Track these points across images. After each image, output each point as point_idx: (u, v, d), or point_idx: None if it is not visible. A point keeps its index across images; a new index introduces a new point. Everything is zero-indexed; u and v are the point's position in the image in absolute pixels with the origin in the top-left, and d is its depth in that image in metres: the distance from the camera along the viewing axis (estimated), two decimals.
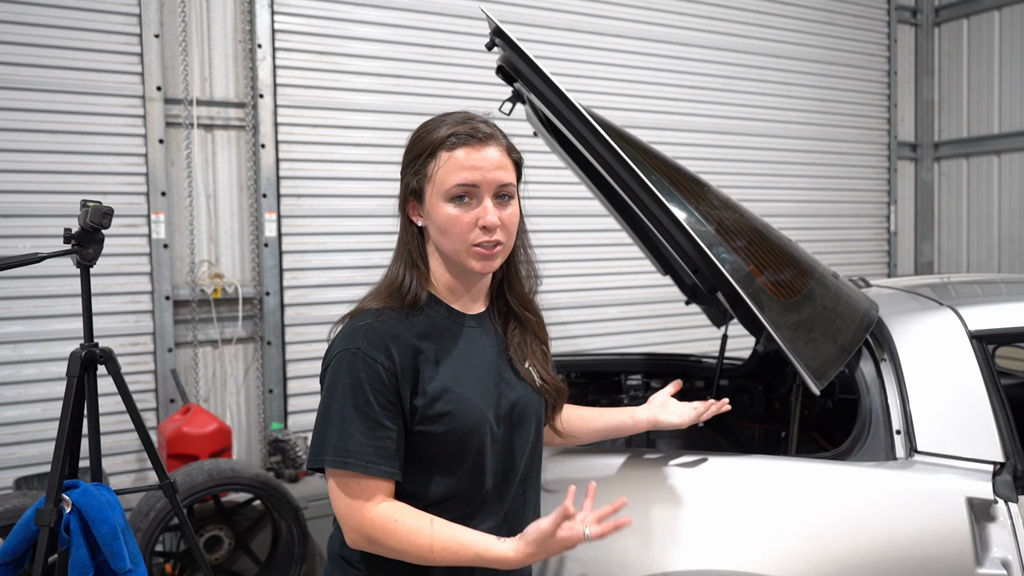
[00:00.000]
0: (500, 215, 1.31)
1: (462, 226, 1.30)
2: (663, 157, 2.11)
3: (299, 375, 3.91)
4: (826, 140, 5.63)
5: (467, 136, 1.31)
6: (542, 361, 1.47)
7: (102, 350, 2.04)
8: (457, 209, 1.30)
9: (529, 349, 1.45)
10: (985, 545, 1.66)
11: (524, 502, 1.43)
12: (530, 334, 1.47)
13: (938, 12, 6.17)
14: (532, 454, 1.43)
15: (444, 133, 1.32)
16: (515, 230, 1.37)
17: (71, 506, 1.89)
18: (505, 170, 1.33)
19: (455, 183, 1.29)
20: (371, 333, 1.30)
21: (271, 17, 3.76)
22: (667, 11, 4.90)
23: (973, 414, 1.80)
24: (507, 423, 1.38)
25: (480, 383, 1.35)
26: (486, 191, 1.31)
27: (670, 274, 2.78)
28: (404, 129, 4.04)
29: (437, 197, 1.32)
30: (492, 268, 1.36)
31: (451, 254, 1.34)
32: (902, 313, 2.07)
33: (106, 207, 1.92)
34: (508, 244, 1.36)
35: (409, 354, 1.30)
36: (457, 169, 1.30)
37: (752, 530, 1.67)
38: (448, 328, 1.38)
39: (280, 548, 3.19)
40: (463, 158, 1.30)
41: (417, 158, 1.35)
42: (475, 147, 1.31)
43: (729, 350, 2.88)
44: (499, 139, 1.35)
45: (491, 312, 1.46)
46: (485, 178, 1.30)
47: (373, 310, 1.35)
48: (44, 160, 3.38)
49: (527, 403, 1.41)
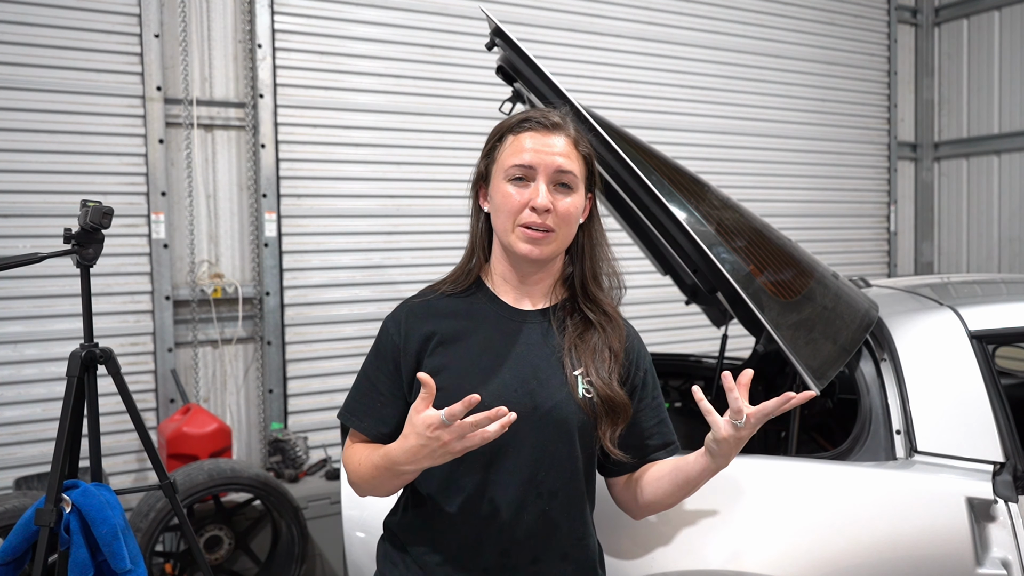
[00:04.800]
0: (555, 202, 1.30)
1: (513, 204, 1.31)
2: (663, 157, 2.11)
3: (299, 375, 3.91)
4: (826, 140, 5.63)
5: (535, 122, 1.34)
6: (602, 372, 1.35)
7: (102, 350, 2.04)
8: (513, 188, 1.32)
9: (589, 358, 1.35)
10: (985, 545, 1.66)
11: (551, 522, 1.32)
12: (596, 342, 1.37)
13: (938, 12, 6.17)
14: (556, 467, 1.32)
15: (516, 119, 1.37)
16: (572, 222, 1.34)
17: (71, 506, 1.88)
18: (567, 158, 1.32)
19: (513, 163, 1.32)
20: (400, 307, 1.41)
21: (271, 17, 3.76)
22: (667, 11, 4.90)
23: (973, 414, 1.80)
24: (527, 423, 1.29)
25: (496, 373, 1.31)
26: (543, 174, 1.31)
27: (670, 274, 2.78)
28: (404, 129, 4.10)
29: (498, 177, 1.35)
30: (539, 254, 1.32)
31: (501, 234, 1.35)
32: (902, 313, 2.07)
33: (106, 207, 1.92)
34: (561, 234, 1.33)
35: (420, 330, 1.35)
36: (519, 151, 1.32)
37: (752, 530, 1.67)
38: (484, 314, 1.37)
39: (280, 548, 3.19)
40: (526, 141, 1.33)
41: (490, 142, 1.39)
42: (540, 132, 1.33)
43: (729, 350, 2.88)
44: (567, 130, 1.36)
45: (553, 312, 1.40)
46: (543, 161, 1.31)
47: (427, 289, 1.45)
48: (44, 160, 3.38)
49: (558, 409, 1.31)
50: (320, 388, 3.96)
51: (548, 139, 1.32)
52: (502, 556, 1.32)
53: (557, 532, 1.34)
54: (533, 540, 1.32)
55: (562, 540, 1.34)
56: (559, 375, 1.34)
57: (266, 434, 3.81)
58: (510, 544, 1.31)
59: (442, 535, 1.34)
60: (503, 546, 1.31)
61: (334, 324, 3.98)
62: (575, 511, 1.36)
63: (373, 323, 4.06)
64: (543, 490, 1.32)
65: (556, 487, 1.32)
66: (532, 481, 1.31)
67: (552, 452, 1.31)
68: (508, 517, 1.30)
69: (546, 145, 1.32)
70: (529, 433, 1.30)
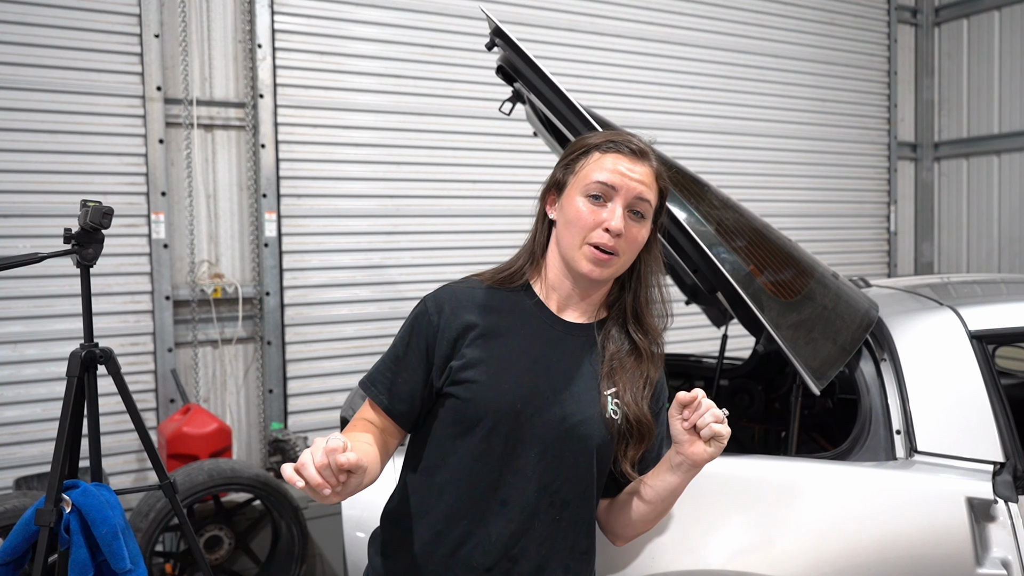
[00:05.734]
0: (626, 228, 1.32)
1: (586, 221, 1.32)
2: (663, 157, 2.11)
3: (299, 375, 3.91)
4: (826, 140, 5.63)
5: (623, 144, 1.36)
6: (635, 393, 1.37)
7: (102, 350, 2.04)
8: (589, 204, 1.32)
9: (624, 380, 1.37)
10: (985, 545, 1.66)
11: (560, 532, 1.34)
12: (635, 366, 1.39)
13: (938, 12, 6.17)
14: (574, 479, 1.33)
15: (603, 138, 1.38)
16: (637, 249, 1.36)
17: (71, 506, 1.88)
18: (647, 187, 1.34)
19: (596, 180, 1.32)
20: (443, 290, 1.40)
21: (271, 17, 3.76)
22: (667, 11, 4.90)
23: (973, 414, 1.80)
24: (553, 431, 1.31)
25: (530, 376, 1.32)
26: (621, 198, 1.32)
27: (670, 274, 2.78)
28: (404, 129, 4.10)
29: (576, 190, 1.35)
30: (601, 275, 1.33)
31: (567, 249, 1.35)
32: (902, 313, 2.07)
33: (106, 207, 1.92)
34: (624, 259, 1.34)
35: (462, 318, 1.35)
36: (602, 168, 1.33)
37: (752, 530, 1.67)
38: (528, 315, 1.38)
39: (280, 548, 3.19)
40: (611, 161, 1.34)
41: (571, 155, 1.40)
42: (627, 156, 1.35)
43: (729, 350, 2.88)
44: (651, 160, 1.37)
45: (596, 329, 1.41)
46: (626, 184, 1.32)
47: (472, 276, 1.44)
48: (44, 160, 3.38)
49: (585, 424, 1.32)
50: (320, 388, 3.96)
51: (634, 165, 1.34)
52: (509, 561, 1.31)
53: (564, 543, 1.35)
54: (541, 547, 1.32)
55: (567, 552, 1.35)
56: (592, 392, 1.35)
57: (266, 434, 3.81)
58: (518, 549, 1.31)
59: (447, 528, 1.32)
60: (512, 550, 1.31)
61: (334, 324, 3.98)
62: (582, 525, 1.37)
63: (373, 323, 4.06)
64: (557, 499, 1.32)
65: (569, 498, 1.34)
66: (548, 489, 1.32)
67: (571, 463, 1.33)
68: (521, 521, 1.31)
69: (631, 170, 1.33)
70: (553, 441, 1.31)
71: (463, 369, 1.32)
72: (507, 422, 1.29)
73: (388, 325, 4.07)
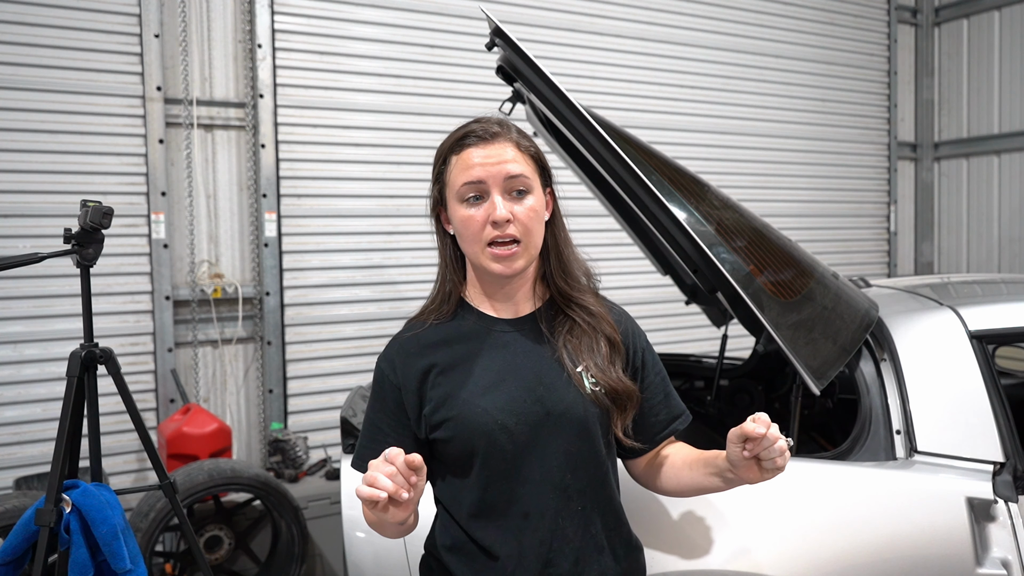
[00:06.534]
0: (513, 209, 1.28)
1: (475, 225, 1.28)
2: (663, 157, 2.11)
3: (299, 375, 3.91)
4: (826, 140, 5.63)
5: (475, 137, 1.30)
6: (601, 364, 1.34)
7: (102, 350, 2.04)
8: (470, 209, 1.29)
9: (586, 353, 1.34)
10: (985, 545, 1.66)
11: (586, 519, 1.33)
12: (586, 335, 1.36)
13: (938, 12, 6.17)
14: (582, 466, 1.32)
15: (454, 138, 1.33)
16: (536, 225, 1.31)
17: (71, 506, 1.88)
18: (515, 162, 1.29)
19: (462, 182, 1.29)
20: (391, 346, 1.39)
21: (271, 17, 3.76)
22: (667, 11, 4.90)
23: (973, 414, 1.80)
24: (544, 429, 1.29)
25: (500, 387, 1.30)
26: (494, 186, 1.28)
27: (670, 274, 2.78)
28: (404, 129, 4.10)
29: (453, 200, 1.31)
30: (513, 269, 1.29)
31: (472, 257, 1.32)
32: (902, 313, 2.07)
33: (106, 207, 1.92)
34: (529, 241, 1.30)
35: (417, 366, 1.33)
36: (464, 169, 1.29)
37: (752, 530, 1.67)
38: (475, 333, 1.35)
39: (280, 548, 3.19)
40: (469, 158, 1.29)
41: (436, 166, 1.36)
42: (480, 146, 1.29)
43: (729, 350, 2.88)
44: (508, 134, 1.32)
45: (540, 314, 1.38)
46: (490, 173, 1.27)
47: (411, 323, 1.42)
48: (44, 160, 3.38)
49: (572, 409, 1.30)
50: (320, 388, 3.96)
51: (491, 149, 1.29)
52: (546, 566, 1.30)
53: (593, 527, 1.34)
54: (573, 540, 1.31)
55: (598, 534, 1.34)
56: (562, 376, 1.32)
57: (266, 434, 3.81)
58: (553, 553, 1.30)
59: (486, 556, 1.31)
60: (546, 555, 1.30)
61: (334, 324, 3.98)
62: (605, 502, 1.36)
63: (373, 323, 4.06)
64: (573, 491, 1.31)
65: (585, 485, 1.32)
66: (562, 486, 1.30)
67: (575, 452, 1.31)
68: (548, 526, 1.30)
69: (491, 156, 1.28)
70: (549, 439, 1.30)
71: (435, 412, 1.31)
72: (498, 440, 1.28)
73: (388, 325, 4.07)
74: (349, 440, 1.95)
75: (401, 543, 1.70)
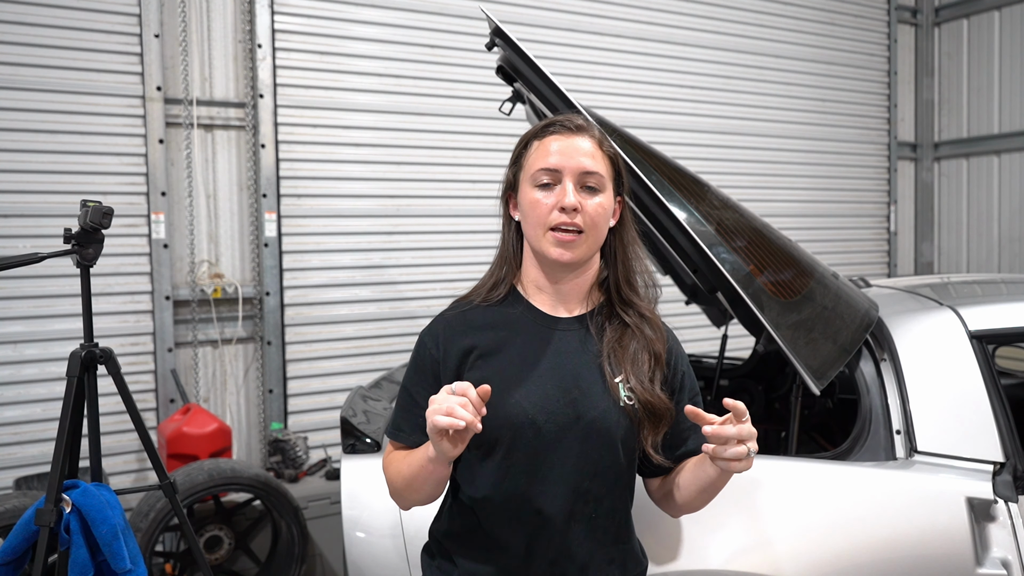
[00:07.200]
0: (583, 202, 1.30)
1: (542, 208, 1.30)
2: (663, 157, 2.12)
3: (299, 375, 3.91)
4: (826, 140, 5.63)
5: (559, 126, 1.34)
6: (642, 376, 1.33)
7: (102, 350, 2.04)
8: (541, 193, 1.31)
9: (628, 363, 1.34)
10: (985, 545, 1.66)
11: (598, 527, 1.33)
12: (634, 341, 1.35)
13: (938, 12, 6.17)
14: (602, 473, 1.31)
15: (540, 127, 1.37)
16: (602, 223, 1.32)
17: (71, 506, 1.88)
18: (592, 159, 1.32)
19: (539, 167, 1.32)
20: (436, 321, 1.41)
21: (271, 17, 3.76)
22: (667, 11, 4.90)
23: (973, 414, 1.80)
24: (571, 432, 1.29)
25: (537, 383, 1.30)
26: (569, 176, 1.30)
27: (670, 274, 2.78)
28: (404, 129, 4.10)
29: (526, 184, 1.34)
30: (570, 257, 1.30)
31: (534, 241, 1.34)
32: (902, 313, 2.07)
33: (106, 207, 1.92)
34: (592, 235, 1.32)
35: (459, 344, 1.35)
36: (543, 155, 1.32)
37: (752, 530, 1.67)
38: (521, 324, 1.36)
39: (280, 548, 3.19)
40: (549, 145, 1.33)
41: (516, 153, 1.39)
42: (563, 135, 1.33)
43: (729, 350, 2.89)
44: (592, 131, 1.35)
45: (591, 318, 1.38)
46: (568, 164, 1.30)
47: (458, 302, 1.43)
48: (44, 160, 3.38)
49: (603, 418, 1.30)
50: (320, 388, 3.96)
51: (573, 141, 1.32)
52: (552, 566, 1.31)
53: (605, 538, 1.34)
54: (582, 548, 1.31)
55: (609, 545, 1.35)
56: (600, 383, 1.32)
57: (266, 434, 3.81)
58: (559, 554, 1.30)
59: (491, 546, 1.33)
60: (552, 556, 1.30)
61: (334, 324, 3.98)
62: (619, 515, 1.37)
63: (373, 323, 4.06)
64: (590, 498, 1.31)
65: (602, 494, 1.32)
66: (579, 490, 1.30)
67: (597, 460, 1.31)
68: (559, 527, 1.30)
69: (571, 147, 1.31)
70: (574, 443, 1.29)
71: None
72: (525, 434, 1.28)
73: (388, 325, 4.07)
74: (349, 440, 1.95)
75: (401, 543, 1.70)
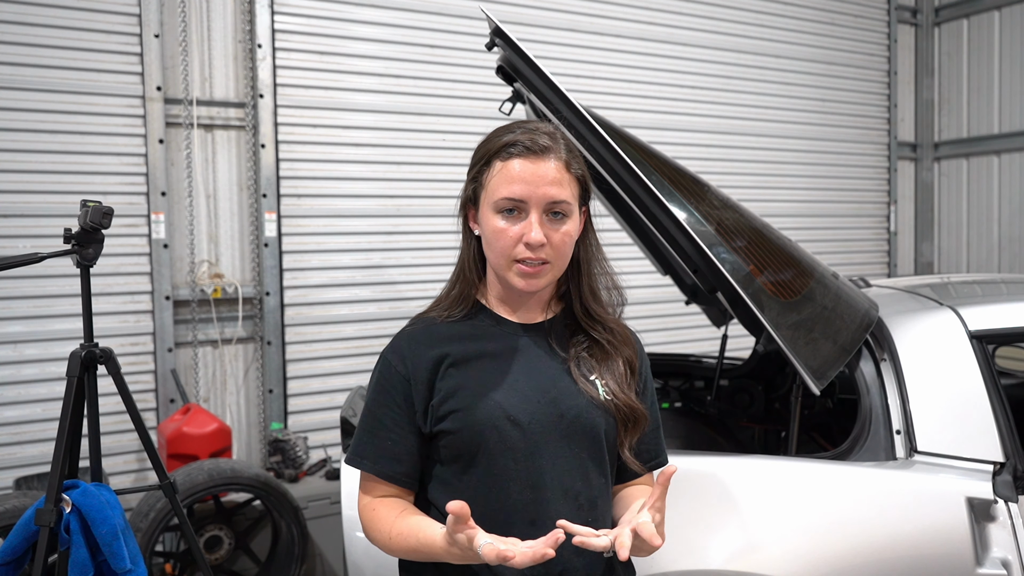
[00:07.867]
0: (549, 233, 1.24)
1: (506, 240, 1.25)
2: (663, 157, 2.12)
3: (299, 375, 3.91)
4: (826, 140, 5.63)
5: (523, 147, 1.25)
6: (616, 380, 1.32)
7: (102, 350, 2.04)
8: (504, 222, 1.25)
9: (598, 366, 1.33)
10: (985, 545, 1.66)
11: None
12: (602, 351, 1.34)
13: (938, 12, 6.17)
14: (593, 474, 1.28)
15: (502, 141, 1.27)
16: (567, 250, 1.28)
17: (71, 506, 1.88)
18: (559, 186, 1.25)
19: (503, 195, 1.25)
20: (399, 338, 1.35)
21: (271, 17, 3.76)
22: (667, 11, 4.90)
23: (973, 414, 1.80)
24: (557, 432, 1.26)
25: (514, 385, 1.28)
26: (535, 206, 1.24)
27: (670, 274, 2.78)
28: (404, 129, 4.11)
29: (487, 207, 1.27)
30: (536, 287, 1.27)
31: (496, 268, 1.30)
32: (902, 313, 2.07)
33: (106, 207, 1.92)
34: (558, 264, 1.28)
35: (428, 356, 1.29)
36: (507, 181, 1.25)
37: (752, 530, 1.67)
38: (490, 333, 1.33)
39: (280, 548, 3.19)
40: (515, 170, 1.24)
41: (476, 165, 1.32)
42: (529, 159, 1.25)
43: (729, 350, 2.88)
44: (558, 153, 1.27)
45: (549, 327, 1.36)
46: (534, 193, 1.23)
47: (421, 316, 1.39)
48: (44, 160, 3.38)
49: (585, 414, 1.28)
50: (320, 388, 3.96)
51: (538, 167, 1.24)
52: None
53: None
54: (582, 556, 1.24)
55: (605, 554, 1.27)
56: (574, 384, 1.30)
57: (266, 434, 3.81)
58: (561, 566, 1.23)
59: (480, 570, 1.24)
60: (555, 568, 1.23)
61: (334, 324, 3.98)
62: (610, 516, 1.32)
63: (373, 323, 4.06)
64: (583, 500, 1.27)
65: (595, 495, 1.29)
66: (573, 493, 1.26)
67: (588, 460, 1.28)
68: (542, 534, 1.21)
69: (536, 175, 1.24)
70: (560, 443, 1.26)
71: (444, 402, 1.27)
72: (509, 437, 1.24)
73: (388, 325, 4.07)
74: (349, 440, 1.95)
75: None
